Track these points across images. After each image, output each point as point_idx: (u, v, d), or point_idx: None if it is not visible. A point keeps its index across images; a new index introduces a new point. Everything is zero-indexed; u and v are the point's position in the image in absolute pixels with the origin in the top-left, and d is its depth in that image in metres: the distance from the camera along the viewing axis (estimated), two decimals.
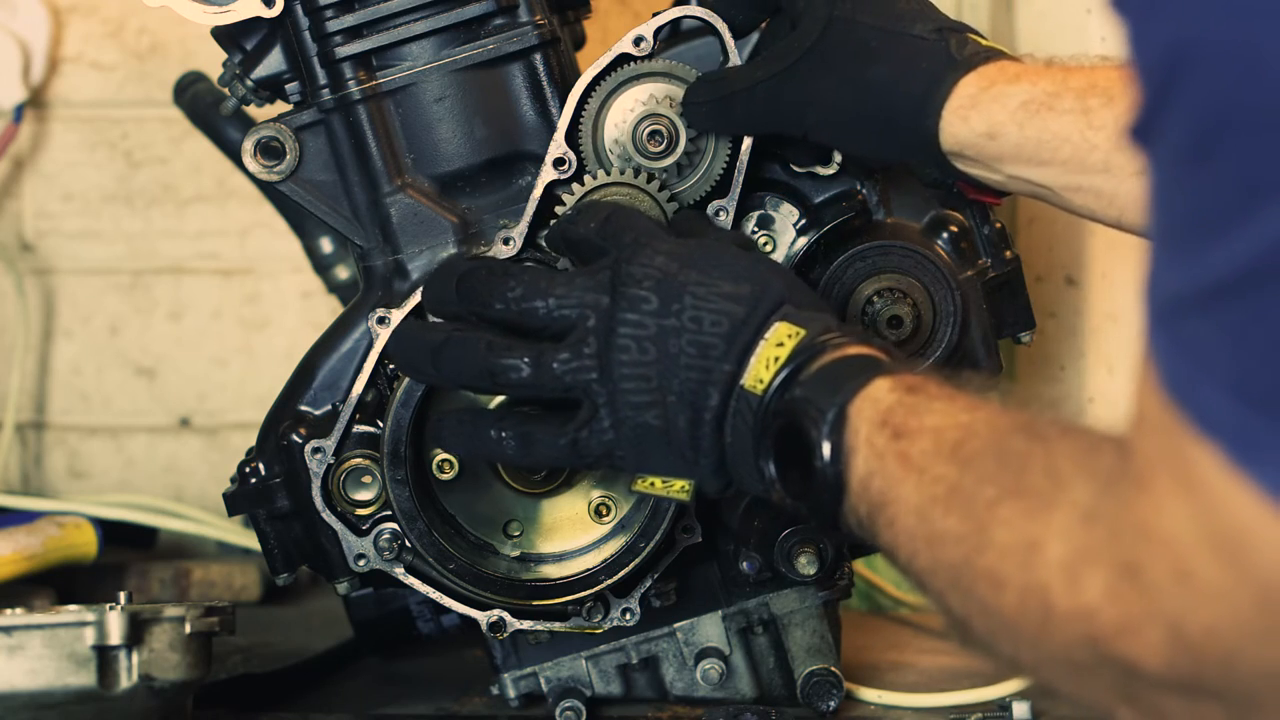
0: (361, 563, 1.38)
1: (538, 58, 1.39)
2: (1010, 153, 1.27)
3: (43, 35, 2.02)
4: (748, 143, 1.37)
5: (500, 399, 1.35)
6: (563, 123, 1.37)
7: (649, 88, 1.38)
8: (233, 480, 1.43)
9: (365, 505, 1.38)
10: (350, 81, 1.38)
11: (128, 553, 1.88)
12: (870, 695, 1.49)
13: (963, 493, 0.96)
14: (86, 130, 2.05)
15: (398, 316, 1.36)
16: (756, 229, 1.41)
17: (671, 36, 1.40)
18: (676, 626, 1.45)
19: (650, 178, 1.36)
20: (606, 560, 1.37)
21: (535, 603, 1.37)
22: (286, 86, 1.42)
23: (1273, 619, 0.79)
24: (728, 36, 1.37)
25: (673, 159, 1.37)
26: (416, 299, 1.36)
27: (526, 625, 1.39)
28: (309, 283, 1.97)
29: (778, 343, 1.16)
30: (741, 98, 1.33)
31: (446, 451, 1.35)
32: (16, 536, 1.62)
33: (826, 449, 1.08)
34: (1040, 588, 0.88)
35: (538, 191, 1.37)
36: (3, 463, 2.00)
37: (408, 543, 1.36)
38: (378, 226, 1.39)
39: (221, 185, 2.05)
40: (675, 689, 1.46)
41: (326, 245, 1.80)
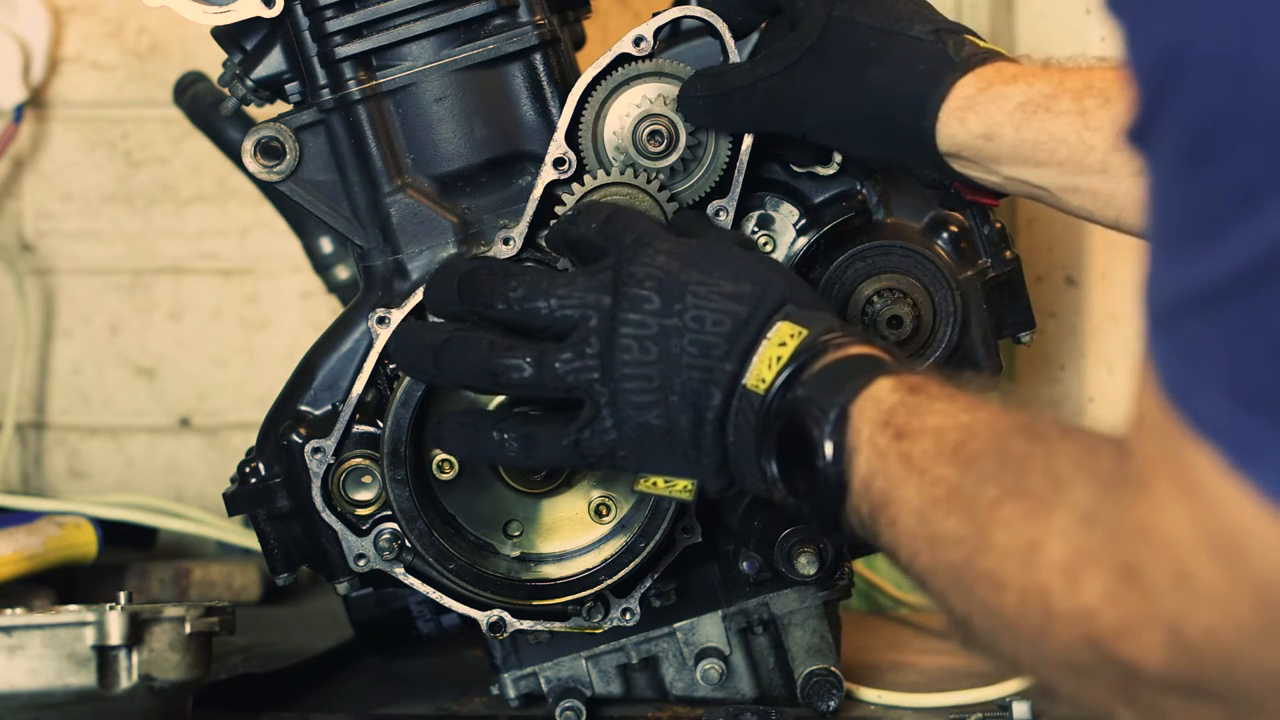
0: (361, 563, 1.38)
1: (538, 58, 1.39)
2: (1007, 154, 1.27)
3: (43, 35, 2.02)
4: (748, 142, 1.37)
5: (500, 400, 1.35)
6: (563, 123, 1.37)
7: (649, 88, 1.38)
8: (233, 480, 1.43)
9: (365, 505, 1.38)
10: (350, 81, 1.38)
11: (128, 553, 1.88)
12: (870, 695, 1.49)
13: (963, 494, 0.96)
14: (86, 130, 2.05)
15: (398, 316, 1.36)
16: (756, 229, 1.41)
17: (671, 36, 1.40)
18: (676, 626, 1.45)
19: (650, 178, 1.36)
20: (606, 560, 1.37)
21: (535, 603, 1.37)
22: (286, 86, 1.42)
23: (1271, 620, 0.79)
24: (728, 36, 1.37)
25: (673, 159, 1.37)
26: (416, 299, 1.36)
27: (526, 625, 1.39)
28: (309, 283, 1.97)
29: (780, 342, 1.16)
30: (740, 95, 1.33)
31: (448, 453, 1.35)
32: (16, 536, 1.62)
33: (829, 449, 1.08)
34: (1040, 589, 0.88)
35: (538, 191, 1.37)
36: (3, 463, 2.00)
37: (408, 543, 1.36)
38: (378, 226, 1.39)
39: (221, 185, 2.05)
40: (675, 689, 1.46)
41: (326, 245, 1.80)
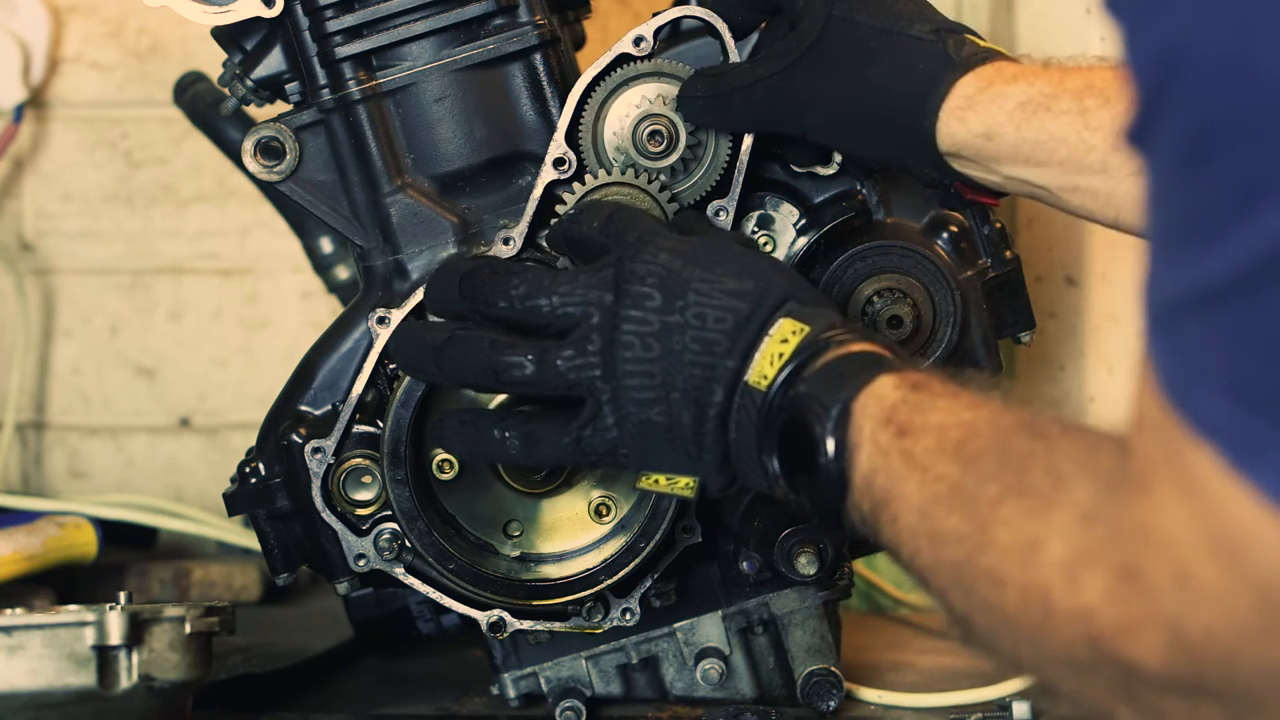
0: (361, 563, 1.38)
1: (538, 58, 1.39)
2: (1007, 153, 1.27)
3: (43, 35, 2.02)
4: (748, 142, 1.37)
5: (500, 399, 1.35)
6: (563, 123, 1.37)
7: (649, 88, 1.38)
8: (233, 480, 1.43)
9: (365, 505, 1.38)
10: (350, 81, 1.38)
11: (128, 553, 1.88)
12: (870, 695, 1.49)
13: (965, 492, 0.96)
14: (86, 130, 2.05)
15: (398, 316, 1.36)
16: (756, 229, 1.41)
17: (671, 37, 1.40)
18: (676, 626, 1.45)
19: (650, 178, 1.36)
20: (606, 560, 1.37)
21: (535, 603, 1.37)
22: (286, 86, 1.42)
23: (1271, 620, 0.79)
24: (728, 36, 1.37)
25: (673, 159, 1.37)
26: (416, 299, 1.36)
27: (526, 625, 1.39)
28: (309, 283, 1.97)
29: (782, 339, 1.16)
30: (740, 94, 1.33)
31: (449, 452, 1.35)
32: (16, 536, 1.62)
33: (830, 445, 1.08)
34: (1041, 587, 0.88)
35: (538, 191, 1.37)
36: (3, 463, 2.00)
37: (408, 543, 1.36)
38: (378, 226, 1.39)
39: (221, 185, 2.05)
40: (675, 689, 1.46)
41: (326, 245, 1.80)
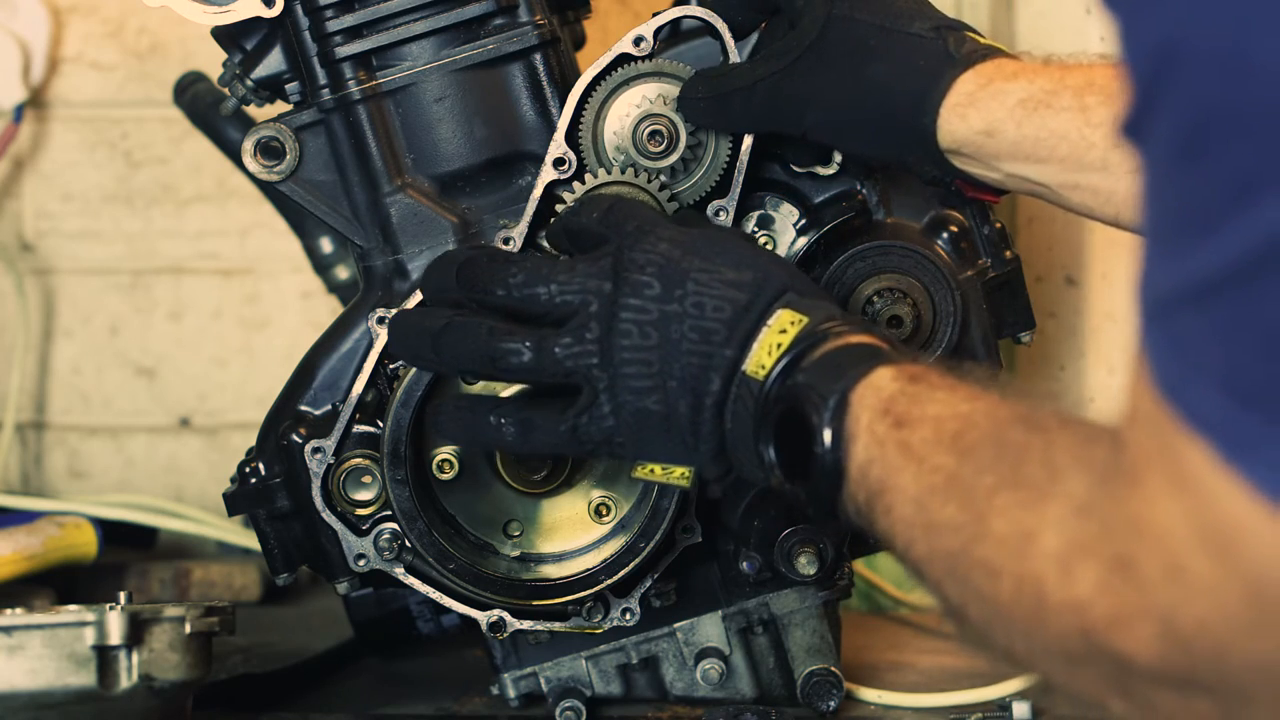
0: (361, 563, 1.38)
1: (538, 58, 1.39)
2: (1008, 150, 1.27)
3: (43, 35, 2.02)
4: (748, 142, 1.37)
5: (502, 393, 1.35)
6: (563, 123, 1.37)
7: (649, 88, 1.38)
8: (233, 480, 1.43)
9: (365, 505, 1.38)
10: (350, 81, 1.38)
11: (128, 553, 1.88)
12: (870, 695, 1.49)
13: (961, 482, 0.96)
14: (86, 130, 2.05)
15: None
16: (756, 229, 1.41)
17: (671, 36, 1.40)
18: (676, 626, 1.45)
19: (651, 178, 1.36)
20: (606, 560, 1.37)
21: (535, 603, 1.37)
22: (286, 86, 1.42)
23: (1263, 613, 0.79)
24: (728, 36, 1.37)
25: (673, 159, 1.37)
26: (416, 298, 1.36)
27: (526, 625, 1.39)
28: (309, 283, 1.97)
29: (780, 329, 1.16)
30: (740, 95, 1.33)
31: (445, 439, 1.35)
32: (16, 536, 1.62)
33: (827, 435, 1.08)
34: (1034, 578, 0.89)
35: (538, 191, 1.37)
36: (3, 463, 2.00)
37: (408, 543, 1.36)
38: (378, 226, 1.39)
39: (221, 185, 2.05)
40: (675, 689, 1.46)
41: (326, 245, 1.80)
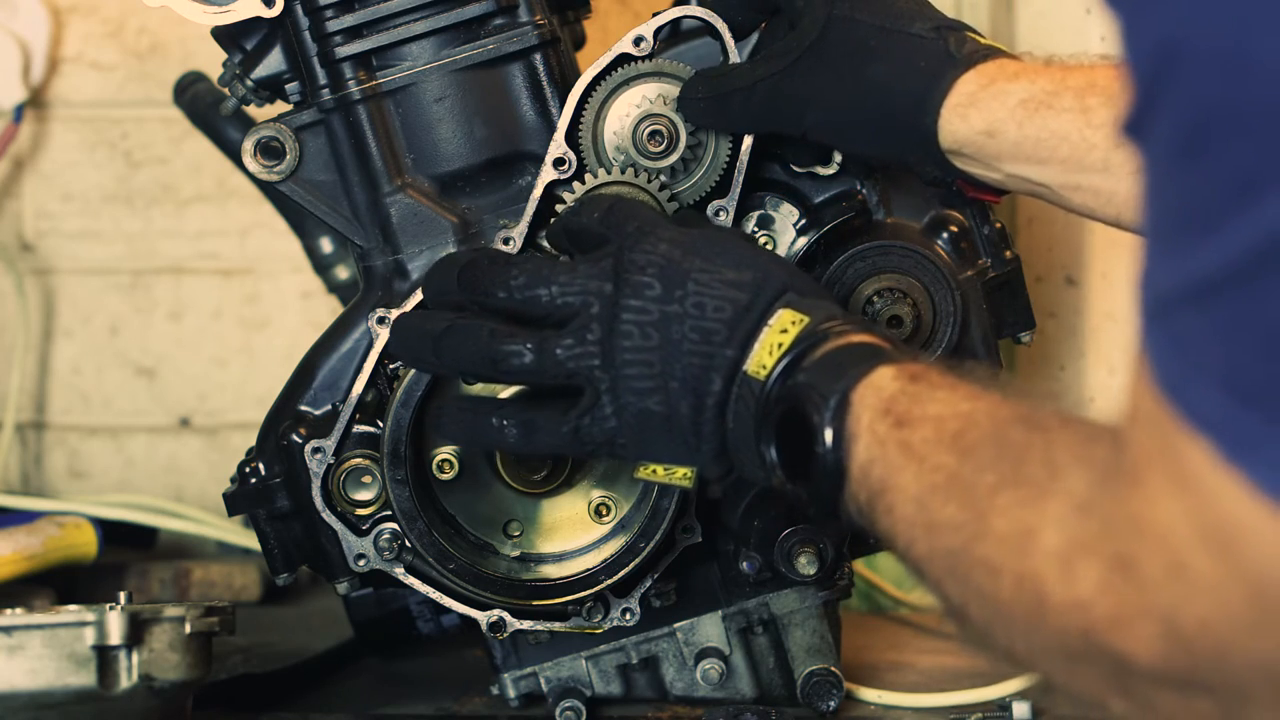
0: (361, 563, 1.38)
1: (538, 58, 1.39)
2: (1009, 151, 1.27)
3: (43, 35, 2.02)
4: (748, 142, 1.37)
5: (504, 394, 1.35)
6: (563, 123, 1.37)
7: (649, 88, 1.38)
8: (233, 480, 1.43)
9: (365, 505, 1.38)
10: (350, 81, 1.38)
11: (128, 553, 1.88)
12: (870, 695, 1.49)
13: (962, 482, 0.96)
14: (86, 130, 2.05)
15: (397, 316, 1.36)
16: (756, 229, 1.41)
17: (671, 37, 1.40)
18: (676, 626, 1.45)
19: (650, 178, 1.36)
20: (606, 560, 1.37)
21: (535, 603, 1.37)
22: (286, 86, 1.42)
23: (1264, 613, 0.79)
24: (728, 36, 1.37)
25: (673, 159, 1.37)
26: (417, 298, 1.36)
27: (526, 625, 1.39)
28: (309, 283, 1.96)
29: (781, 329, 1.16)
30: (740, 95, 1.33)
31: (447, 440, 1.35)
32: (16, 536, 1.62)
33: (828, 435, 1.08)
34: (1035, 576, 0.88)
35: (538, 191, 1.37)
36: (3, 463, 2.00)
37: (408, 543, 1.36)
38: (378, 226, 1.39)
39: (221, 185, 2.05)
40: (675, 689, 1.46)
41: (326, 245, 1.80)
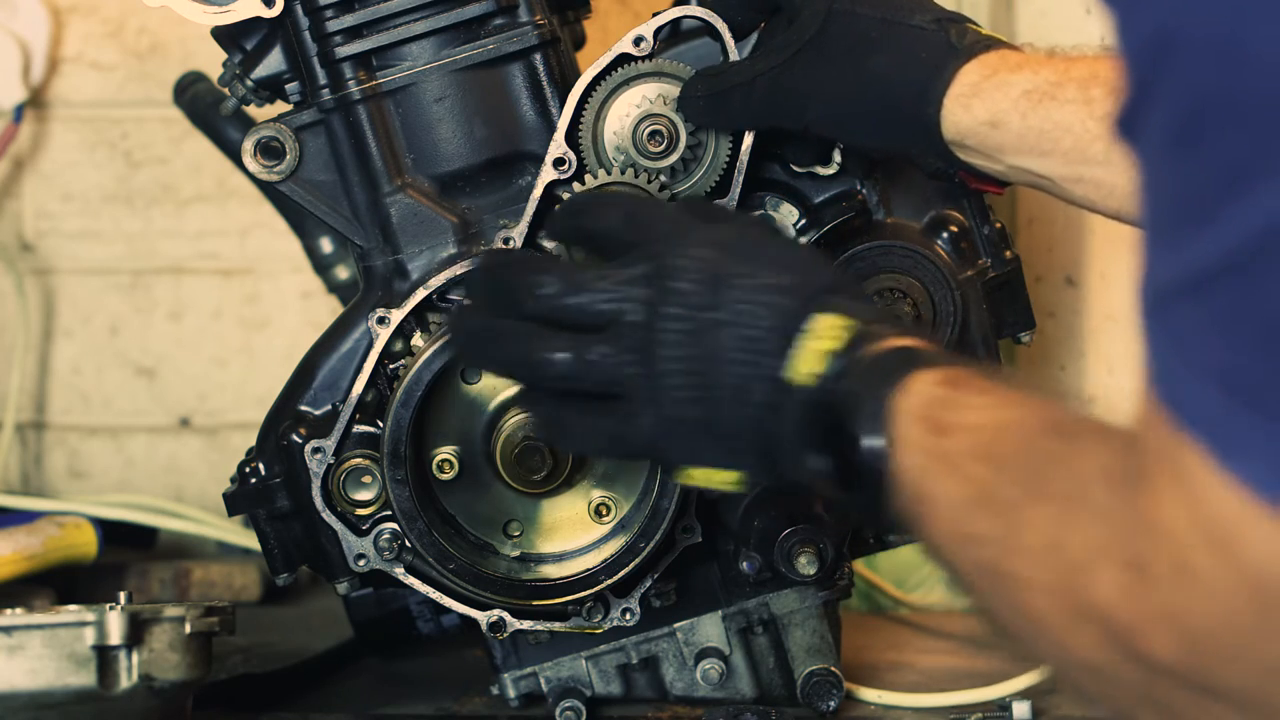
0: (361, 563, 1.38)
1: (538, 58, 1.39)
2: (1012, 142, 1.26)
3: (43, 35, 2.02)
4: (748, 141, 1.37)
5: (507, 393, 1.35)
6: (563, 123, 1.37)
7: (649, 88, 1.38)
8: (233, 480, 1.43)
9: (365, 505, 1.38)
10: (350, 81, 1.38)
11: (128, 553, 1.88)
12: (870, 695, 1.49)
13: (995, 494, 0.95)
14: (86, 130, 2.05)
15: (397, 316, 1.36)
16: None
17: (671, 36, 1.40)
18: (676, 626, 1.45)
19: (650, 178, 1.36)
20: (606, 560, 1.37)
21: (535, 603, 1.37)
22: (286, 86, 1.42)
23: (1267, 615, 0.79)
24: (728, 36, 1.37)
25: (673, 159, 1.37)
26: (417, 299, 1.36)
27: (526, 625, 1.39)
28: (309, 283, 1.96)
29: (823, 334, 1.13)
30: (740, 90, 1.33)
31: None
32: (16, 536, 1.62)
33: (870, 443, 1.06)
34: (1063, 589, 0.88)
35: (538, 191, 1.37)
36: (3, 463, 2.00)
37: (408, 543, 1.36)
38: (378, 226, 1.39)
39: (221, 185, 2.05)
40: (675, 689, 1.46)
41: (326, 245, 1.80)
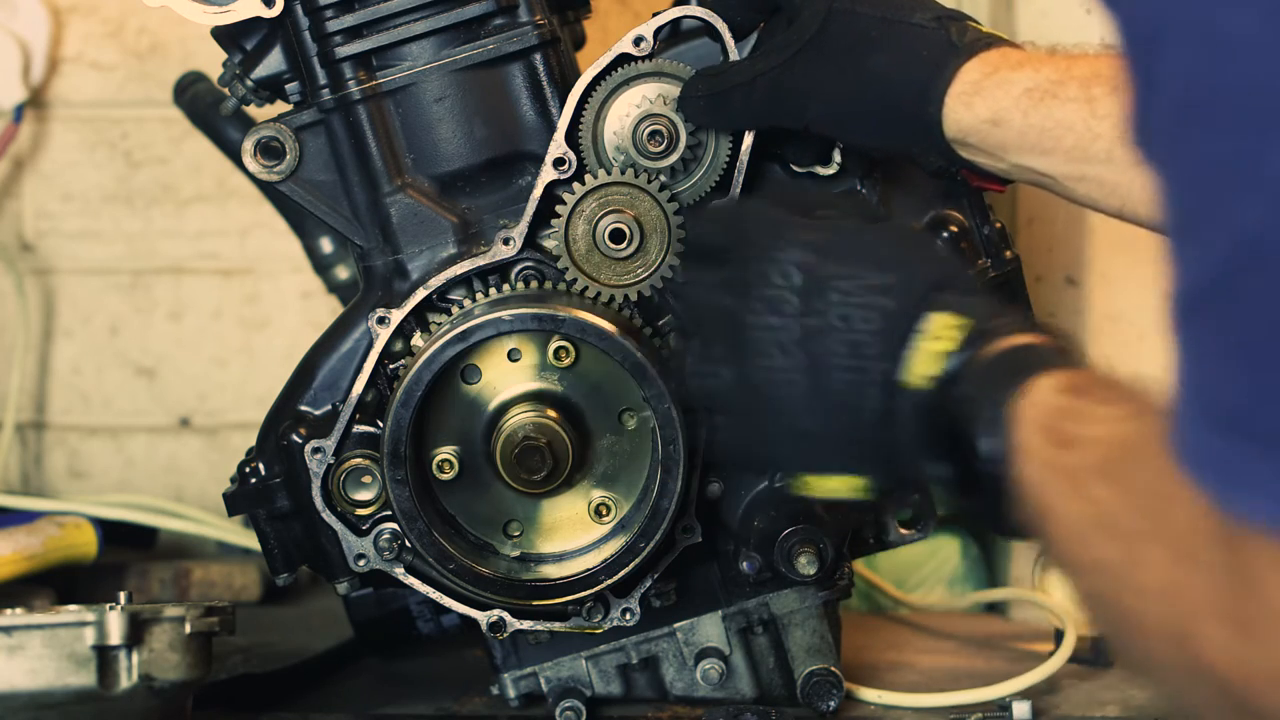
0: (361, 563, 1.38)
1: (538, 58, 1.39)
2: (1014, 140, 1.26)
3: (43, 35, 2.02)
4: (748, 141, 1.37)
5: (504, 397, 1.35)
6: (563, 123, 1.37)
7: (649, 88, 1.38)
8: (233, 480, 1.43)
9: (365, 505, 1.38)
10: (350, 81, 1.38)
11: (128, 553, 1.88)
12: (870, 695, 1.49)
13: (1116, 523, 0.91)
14: (86, 130, 2.05)
15: (397, 316, 1.36)
16: None
17: (671, 37, 1.40)
18: (676, 626, 1.45)
19: (651, 178, 1.36)
20: (606, 560, 1.37)
21: (535, 603, 1.37)
22: (286, 86, 1.42)
23: None
24: (728, 36, 1.37)
25: (673, 159, 1.37)
26: (417, 298, 1.36)
27: (526, 625, 1.39)
28: (309, 283, 1.97)
29: (937, 335, 1.09)
30: (741, 90, 1.33)
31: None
32: (16, 536, 1.62)
33: (991, 452, 1.02)
34: (1176, 639, 0.85)
35: (538, 191, 1.37)
36: (3, 463, 2.00)
37: (408, 543, 1.36)
38: (378, 226, 1.39)
39: (221, 185, 2.05)
40: (675, 689, 1.46)
41: (326, 245, 1.80)
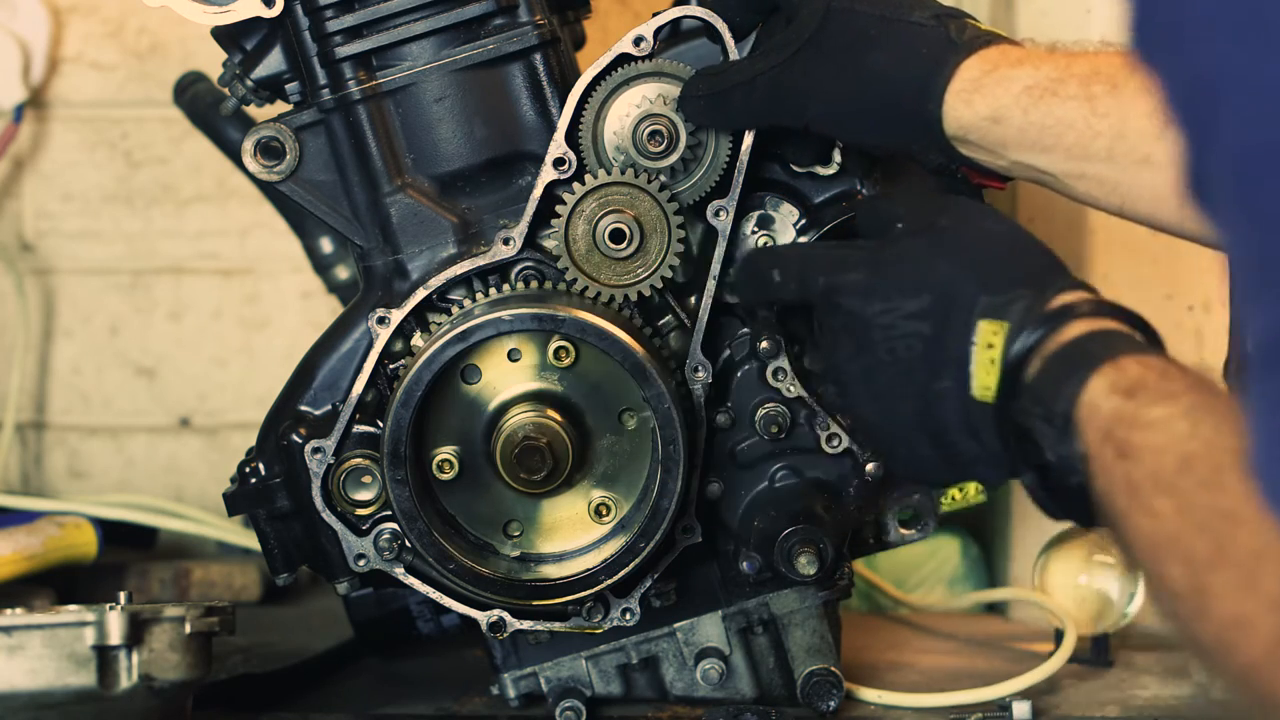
0: (361, 563, 1.38)
1: (538, 58, 1.39)
2: (1014, 138, 1.26)
3: (43, 35, 2.02)
4: (748, 141, 1.37)
5: (504, 396, 1.35)
6: (563, 123, 1.37)
7: (649, 88, 1.38)
8: (233, 480, 1.43)
9: (365, 505, 1.38)
10: (350, 81, 1.38)
11: (128, 553, 1.88)
12: (870, 695, 1.49)
13: (1182, 545, 0.90)
14: (86, 130, 2.05)
15: (397, 316, 1.36)
16: (756, 229, 1.41)
17: (671, 36, 1.40)
18: (676, 626, 1.45)
19: (650, 178, 1.36)
20: (606, 560, 1.37)
21: (535, 603, 1.37)
22: (286, 86, 1.42)
23: None
24: (727, 36, 1.37)
25: (673, 159, 1.37)
26: (417, 299, 1.36)
27: (526, 625, 1.39)
28: (309, 283, 1.97)
29: (986, 344, 1.10)
30: (741, 90, 1.33)
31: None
32: (16, 536, 1.62)
33: (1063, 459, 1.03)
34: (1253, 668, 0.85)
35: (538, 191, 1.37)
36: (3, 463, 2.00)
37: (408, 543, 1.36)
38: (378, 226, 1.39)
39: (221, 185, 2.05)
40: (675, 689, 1.46)
41: (326, 245, 1.80)
